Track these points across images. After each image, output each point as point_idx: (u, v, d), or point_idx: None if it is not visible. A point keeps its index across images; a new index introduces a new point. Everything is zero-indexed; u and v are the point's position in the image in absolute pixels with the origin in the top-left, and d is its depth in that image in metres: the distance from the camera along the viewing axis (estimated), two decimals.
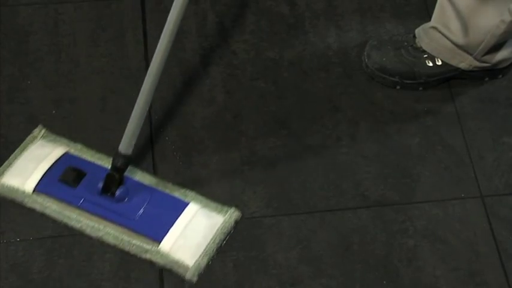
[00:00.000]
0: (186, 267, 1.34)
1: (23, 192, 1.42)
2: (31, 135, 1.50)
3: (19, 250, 1.37)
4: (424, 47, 1.57)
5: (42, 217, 1.40)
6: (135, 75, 1.59)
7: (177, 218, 1.39)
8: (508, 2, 1.40)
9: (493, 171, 1.50)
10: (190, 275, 1.34)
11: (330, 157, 1.51)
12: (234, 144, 1.51)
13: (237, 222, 1.40)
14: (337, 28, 1.69)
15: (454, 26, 1.49)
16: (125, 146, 1.35)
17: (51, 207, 1.40)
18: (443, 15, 1.50)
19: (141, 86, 1.31)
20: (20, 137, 1.49)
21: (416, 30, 1.59)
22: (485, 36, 1.47)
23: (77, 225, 1.39)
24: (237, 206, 1.42)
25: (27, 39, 1.64)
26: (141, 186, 1.43)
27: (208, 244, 1.37)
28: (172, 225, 1.38)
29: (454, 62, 1.55)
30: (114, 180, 1.38)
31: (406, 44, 1.59)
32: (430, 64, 1.57)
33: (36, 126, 1.51)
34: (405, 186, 1.48)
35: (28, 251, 1.37)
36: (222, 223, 1.39)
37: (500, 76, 1.62)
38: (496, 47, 1.51)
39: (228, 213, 1.41)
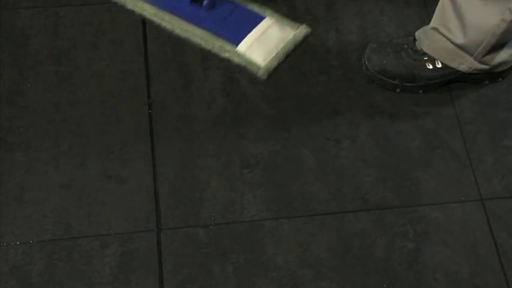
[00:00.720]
0: (258, 67, 1.60)
1: None
2: None
3: (19, 253, 1.37)
4: (425, 49, 1.57)
5: (42, 219, 1.41)
6: (135, 78, 1.59)
7: (254, 27, 1.65)
8: (509, 1, 1.40)
9: (493, 174, 1.50)
10: (261, 73, 1.59)
11: (329, 160, 1.51)
12: (234, 147, 1.51)
13: (306, 37, 1.65)
14: (337, 31, 1.69)
15: (455, 26, 1.49)
16: None
17: (148, 10, 1.67)
18: (443, 15, 1.50)
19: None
20: (18, 140, 1.50)
21: (417, 33, 1.59)
22: (485, 36, 1.47)
23: (168, 26, 1.64)
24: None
25: (27, 43, 1.64)
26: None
27: (279, 50, 1.62)
28: (249, 32, 1.64)
29: (454, 64, 1.55)
30: None
31: (406, 46, 1.59)
32: (430, 67, 1.57)
33: (36, 131, 1.51)
34: (405, 189, 1.48)
35: (28, 254, 1.37)
36: (293, 36, 1.64)
37: (500, 79, 1.62)
38: (496, 48, 1.51)
39: (299, 29, 1.65)
